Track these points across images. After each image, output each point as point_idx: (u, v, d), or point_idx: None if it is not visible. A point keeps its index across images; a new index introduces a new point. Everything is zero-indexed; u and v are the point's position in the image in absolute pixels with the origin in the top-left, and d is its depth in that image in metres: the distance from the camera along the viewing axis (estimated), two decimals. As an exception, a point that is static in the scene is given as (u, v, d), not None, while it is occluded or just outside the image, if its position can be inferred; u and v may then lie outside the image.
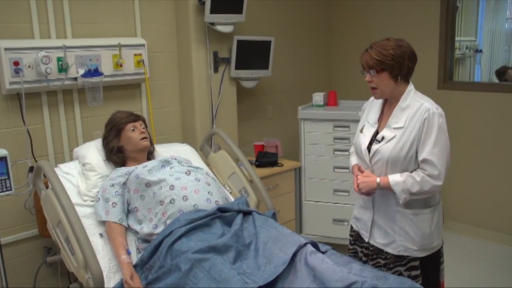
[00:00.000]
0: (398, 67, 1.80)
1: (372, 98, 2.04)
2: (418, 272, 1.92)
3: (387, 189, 1.85)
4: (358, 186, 1.91)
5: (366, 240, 2.00)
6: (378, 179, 1.85)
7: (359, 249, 2.07)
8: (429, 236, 1.89)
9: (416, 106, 1.82)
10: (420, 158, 1.80)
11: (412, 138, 1.80)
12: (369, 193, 1.91)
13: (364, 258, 2.04)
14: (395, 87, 1.85)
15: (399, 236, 1.89)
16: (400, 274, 1.91)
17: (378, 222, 1.95)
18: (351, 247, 2.12)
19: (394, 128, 1.84)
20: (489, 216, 3.51)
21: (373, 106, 2.01)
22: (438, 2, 3.53)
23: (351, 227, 2.12)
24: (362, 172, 1.94)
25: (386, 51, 1.79)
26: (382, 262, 1.97)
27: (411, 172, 1.83)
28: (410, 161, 1.82)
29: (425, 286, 1.92)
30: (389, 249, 1.93)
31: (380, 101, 1.98)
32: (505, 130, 3.35)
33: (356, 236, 2.08)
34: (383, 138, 1.86)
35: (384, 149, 1.85)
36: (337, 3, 4.16)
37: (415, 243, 1.88)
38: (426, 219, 1.88)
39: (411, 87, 1.88)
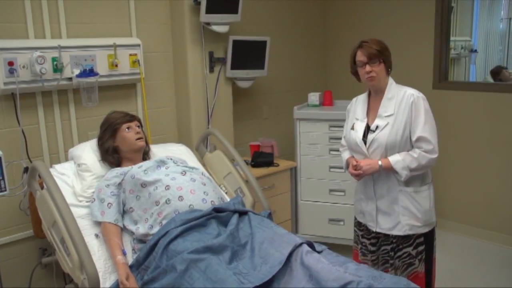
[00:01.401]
0: (388, 60, 2.05)
1: (354, 99, 2.23)
2: (423, 247, 2.06)
3: (388, 169, 2.00)
4: (358, 168, 2.02)
5: (374, 229, 2.11)
6: (379, 162, 2.00)
7: (367, 241, 2.16)
8: (429, 212, 2.06)
9: (401, 94, 2.03)
10: (414, 137, 1.97)
11: (405, 122, 1.99)
12: (368, 174, 2.03)
13: (372, 248, 2.15)
14: (386, 78, 2.07)
15: (403, 216, 2.03)
16: (409, 254, 2.04)
17: (381, 208, 2.08)
18: (362, 240, 2.20)
19: (386, 117, 2.03)
20: (483, 215, 3.52)
21: (357, 105, 2.18)
22: (433, 2, 3.54)
23: (360, 223, 2.22)
24: None
25: (383, 44, 2.03)
26: (389, 247, 2.08)
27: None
28: (406, 143, 2.01)
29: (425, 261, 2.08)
30: (395, 232, 2.05)
31: (364, 99, 2.16)
32: (500, 130, 3.36)
33: (364, 230, 2.18)
34: (377, 127, 2.02)
35: (380, 136, 2.00)
36: (332, 3, 4.17)
37: (419, 220, 2.03)
38: (425, 196, 2.07)
39: (392, 80, 2.10)
